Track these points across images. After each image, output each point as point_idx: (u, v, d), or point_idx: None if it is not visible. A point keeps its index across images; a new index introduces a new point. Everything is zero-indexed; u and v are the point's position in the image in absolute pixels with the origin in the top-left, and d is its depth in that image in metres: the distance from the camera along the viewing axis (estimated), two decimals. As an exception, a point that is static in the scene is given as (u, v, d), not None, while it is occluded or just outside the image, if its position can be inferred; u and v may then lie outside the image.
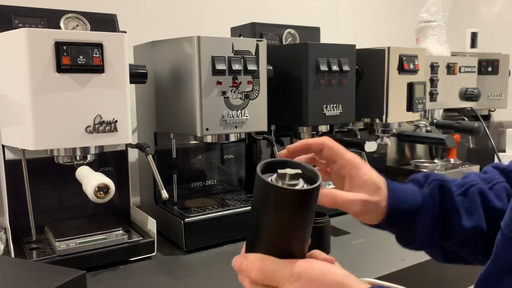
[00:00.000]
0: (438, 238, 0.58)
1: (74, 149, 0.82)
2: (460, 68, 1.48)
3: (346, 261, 0.88)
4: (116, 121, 0.81)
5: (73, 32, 0.86)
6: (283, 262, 0.44)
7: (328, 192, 0.53)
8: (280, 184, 0.42)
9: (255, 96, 0.96)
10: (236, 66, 0.91)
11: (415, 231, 0.57)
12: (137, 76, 0.90)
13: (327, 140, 0.55)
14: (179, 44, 0.92)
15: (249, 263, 0.45)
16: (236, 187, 1.21)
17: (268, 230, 0.44)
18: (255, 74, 0.95)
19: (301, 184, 0.44)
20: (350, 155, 0.55)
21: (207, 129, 0.90)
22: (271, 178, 0.44)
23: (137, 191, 1.17)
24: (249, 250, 0.47)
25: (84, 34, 0.79)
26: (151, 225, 0.93)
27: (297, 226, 0.44)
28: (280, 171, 0.43)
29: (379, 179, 0.56)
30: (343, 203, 0.54)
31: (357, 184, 0.55)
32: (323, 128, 1.12)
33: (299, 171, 0.43)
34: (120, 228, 0.91)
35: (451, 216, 0.57)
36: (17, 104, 0.77)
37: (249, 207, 0.56)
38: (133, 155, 1.19)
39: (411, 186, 0.59)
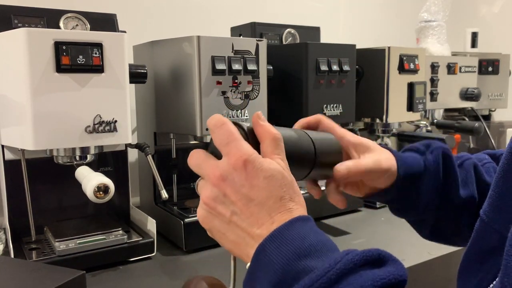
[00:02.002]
0: (436, 206, 0.60)
1: (73, 149, 0.81)
2: (460, 68, 1.48)
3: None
4: (116, 121, 0.81)
5: (72, 32, 0.86)
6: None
7: (352, 163, 0.56)
8: None
9: (255, 96, 0.95)
10: (236, 66, 0.91)
11: (417, 196, 0.59)
12: (137, 76, 0.90)
13: (321, 117, 0.61)
14: (179, 44, 0.92)
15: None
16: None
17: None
18: (255, 74, 0.94)
19: None
20: (343, 129, 0.61)
21: (207, 129, 0.90)
22: None
23: (136, 191, 1.17)
24: None
25: (84, 34, 0.78)
26: (151, 225, 0.93)
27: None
28: None
29: (379, 145, 0.61)
30: (365, 170, 0.57)
31: (361, 150, 0.59)
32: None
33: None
34: (120, 228, 0.91)
35: (451, 183, 0.60)
36: (17, 104, 0.77)
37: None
38: (133, 155, 1.19)
39: (411, 153, 0.62)
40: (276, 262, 0.38)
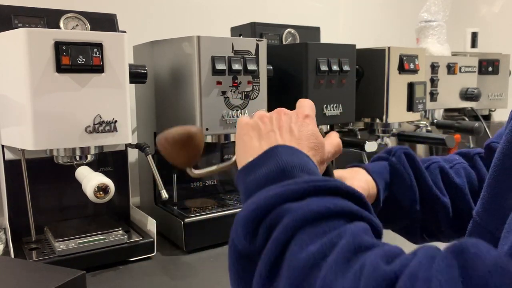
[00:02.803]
0: (413, 201, 0.61)
1: (73, 149, 0.81)
2: (460, 68, 1.48)
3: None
4: (116, 121, 0.81)
5: (72, 32, 0.86)
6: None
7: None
8: None
9: (255, 96, 0.95)
10: (236, 66, 0.91)
11: (396, 197, 0.62)
12: (137, 76, 0.90)
13: None
14: (179, 44, 0.92)
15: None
16: (236, 187, 1.20)
17: None
18: (255, 74, 0.94)
19: None
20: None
21: (207, 129, 0.90)
22: None
23: (137, 191, 1.17)
24: None
25: (84, 34, 0.78)
26: (151, 225, 0.93)
27: None
28: None
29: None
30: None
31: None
32: (323, 128, 1.12)
33: None
34: (120, 228, 0.91)
35: (421, 178, 0.62)
36: (17, 104, 0.77)
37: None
38: (133, 155, 1.19)
39: (377, 162, 0.64)
40: (282, 158, 0.41)
